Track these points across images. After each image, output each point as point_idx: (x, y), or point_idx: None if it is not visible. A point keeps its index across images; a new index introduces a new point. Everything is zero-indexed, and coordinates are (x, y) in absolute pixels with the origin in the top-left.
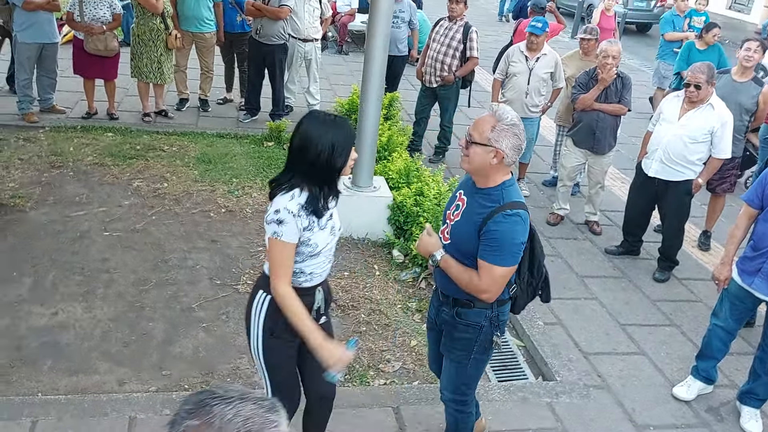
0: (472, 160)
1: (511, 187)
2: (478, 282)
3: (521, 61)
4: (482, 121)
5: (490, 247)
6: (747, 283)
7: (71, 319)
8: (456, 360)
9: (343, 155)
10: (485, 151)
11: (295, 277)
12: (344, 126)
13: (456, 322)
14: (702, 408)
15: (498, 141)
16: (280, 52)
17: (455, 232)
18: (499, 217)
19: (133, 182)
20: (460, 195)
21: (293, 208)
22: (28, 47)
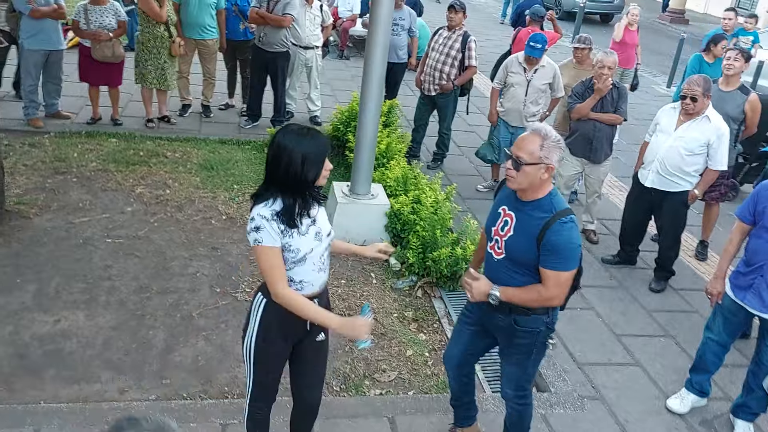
0: (523, 181)
1: (557, 196)
2: (546, 293)
3: (519, 72)
4: (528, 141)
5: (554, 256)
6: (739, 298)
7: (74, 326)
8: (517, 363)
9: (314, 167)
10: (536, 169)
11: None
12: (317, 138)
13: (515, 330)
14: (696, 421)
15: (548, 157)
16: (282, 60)
17: (511, 247)
18: (557, 226)
19: (136, 188)
20: (505, 210)
21: (266, 213)
22: (34, 54)
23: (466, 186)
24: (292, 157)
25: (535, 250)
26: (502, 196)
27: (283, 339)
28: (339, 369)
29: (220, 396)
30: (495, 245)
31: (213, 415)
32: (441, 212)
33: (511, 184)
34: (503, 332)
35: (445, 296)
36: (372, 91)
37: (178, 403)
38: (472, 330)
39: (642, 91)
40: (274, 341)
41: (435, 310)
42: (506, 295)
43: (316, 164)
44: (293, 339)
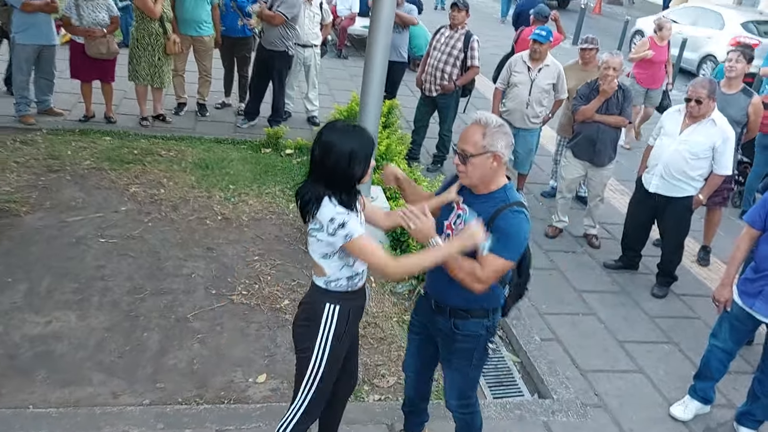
0: (473, 174)
1: (512, 189)
2: (480, 272)
3: (523, 71)
4: (470, 133)
5: (498, 241)
6: (748, 305)
7: (65, 328)
8: (457, 369)
9: (361, 163)
10: (484, 159)
11: (352, 280)
12: (362, 134)
13: (455, 334)
14: (699, 429)
15: (493, 145)
16: (280, 60)
17: None
18: (507, 213)
19: (130, 187)
20: (458, 204)
21: (341, 209)
22: (25, 49)
23: None
24: (339, 154)
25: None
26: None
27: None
28: None
29: (216, 401)
30: (445, 240)
31: (208, 421)
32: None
33: (463, 180)
34: (444, 337)
35: None
36: (372, 91)
37: (172, 408)
38: (419, 338)
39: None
40: (345, 340)
41: None
42: (445, 250)
43: (363, 161)
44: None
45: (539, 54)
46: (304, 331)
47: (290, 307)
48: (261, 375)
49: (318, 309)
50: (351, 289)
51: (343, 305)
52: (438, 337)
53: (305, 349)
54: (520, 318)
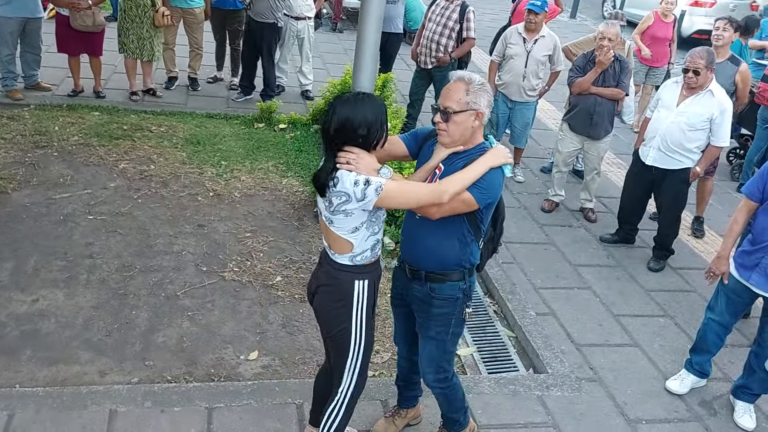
0: (454, 131)
1: (488, 148)
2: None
3: (519, 43)
4: (453, 90)
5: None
6: (744, 277)
7: (52, 306)
8: (435, 337)
9: (379, 129)
10: (467, 116)
11: (375, 249)
12: (374, 101)
13: (431, 298)
14: (695, 402)
15: (476, 102)
16: (269, 31)
17: None
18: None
19: (120, 164)
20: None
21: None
22: (10, 22)
23: None
24: (358, 125)
25: None
26: (428, 151)
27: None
28: None
29: (205, 378)
30: None
31: (198, 399)
32: None
33: (443, 139)
34: (420, 303)
35: None
36: (365, 64)
37: (161, 386)
38: (400, 311)
39: None
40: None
41: None
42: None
43: (380, 127)
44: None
45: (535, 25)
46: (338, 313)
47: (282, 283)
48: (252, 352)
49: (348, 288)
50: (374, 258)
51: (371, 277)
52: (414, 304)
53: (343, 329)
54: (515, 293)
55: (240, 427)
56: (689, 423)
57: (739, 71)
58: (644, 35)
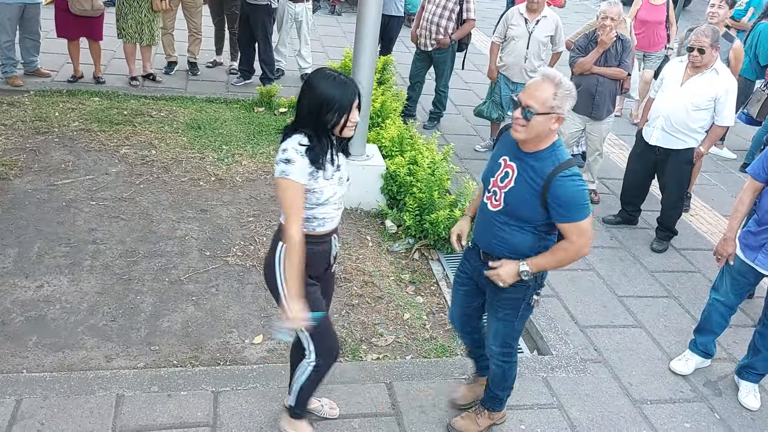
0: (532, 130)
1: (560, 147)
2: (573, 246)
3: (520, 24)
4: (540, 89)
5: (566, 209)
6: (750, 258)
7: (57, 292)
8: (504, 318)
9: (333, 113)
10: (547, 119)
11: (309, 223)
12: (345, 86)
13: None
14: (700, 382)
15: (560, 107)
16: (262, 13)
17: (510, 199)
18: (560, 180)
19: (121, 149)
20: (506, 161)
21: (300, 148)
22: (9, 8)
23: (464, 146)
24: (314, 97)
25: (536, 206)
26: (502, 145)
27: (311, 276)
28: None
29: (211, 363)
30: (492, 196)
31: (204, 383)
32: (438, 173)
33: (517, 134)
34: (492, 286)
35: (443, 258)
36: (365, 46)
37: (167, 371)
38: (465, 290)
39: None
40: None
41: (432, 272)
42: (536, 264)
43: (337, 111)
44: (316, 276)
45: (536, 5)
46: (267, 272)
47: None
48: (257, 336)
49: (272, 249)
50: (305, 230)
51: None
52: (484, 285)
53: (276, 294)
54: None
55: (246, 410)
56: (694, 403)
57: (733, 48)
58: (635, 20)
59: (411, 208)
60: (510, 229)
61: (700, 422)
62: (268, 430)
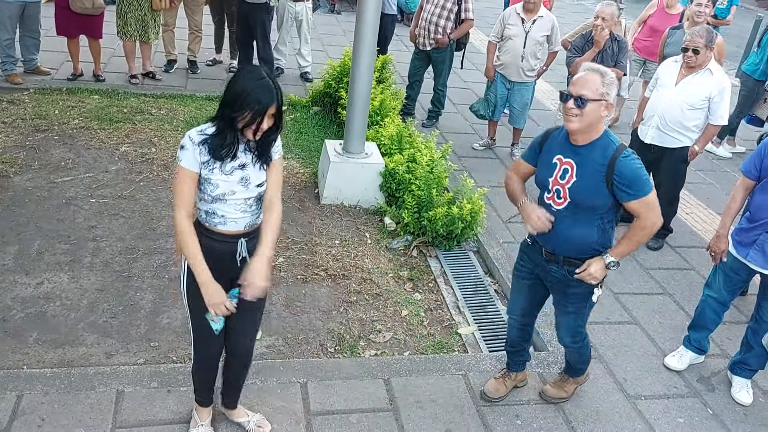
0: (585, 119)
1: (611, 134)
2: (645, 222)
3: (517, 23)
4: (589, 79)
5: (632, 186)
6: (742, 254)
7: (57, 289)
8: (573, 312)
9: (245, 111)
10: (598, 106)
11: (210, 217)
12: (264, 88)
13: (569, 280)
14: (693, 378)
15: (609, 94)
16: (261, 12)
17: (576, 192)
18: (622, 161)
19: (121, 147)
20: (561, 159)
21: (194, 136)
22: (9, 6)
23: (462, 144)
24: (230, 89)
25: (604, 191)
26: (551, 146)
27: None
28: (333, 330)
29: None
30: (555, 195)
31: None
32: (436, 171)
33: (572, 125)
34: (557, 283)
35: (441, 256)
36: (365, 45)
37: (167, 367)
38: (529, 283)
39: None
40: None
41: (431, 269)
42: (619, 253)
43: (249, 111)
44: (225, 279)
45: (533, 5)
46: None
47: (285, 264)
48: (256, 332)
49: None
50: (208, 225)
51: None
52: (551, 283)
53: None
54: None
55: (245, 405)
56: (687, 398)
57: (717, 43)
58: (645, 25)
59: (409, 205)
60: (575, 225)
61: (693, 417)
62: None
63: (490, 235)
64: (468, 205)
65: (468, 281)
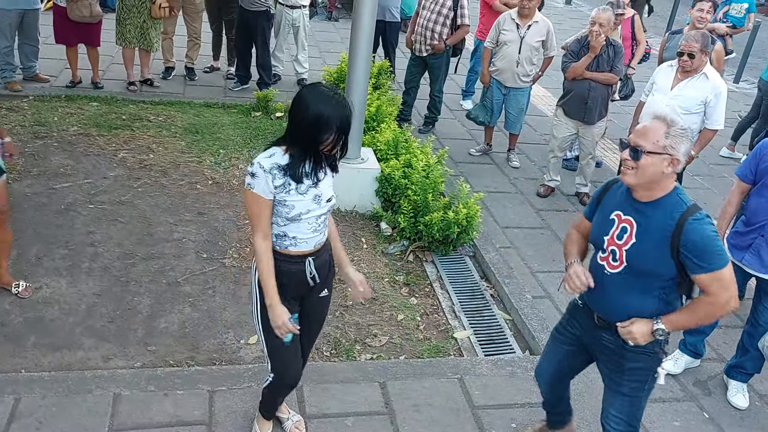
0: (643, 173)
1: (683, 193)
2: (717, 299)
3: (512, 29)
4: (652, 130)
5: (702, 257)
6: (737, 258)
7: (56, 293)
8: (629, 394)
9: (324, 130)
10: (659, 160)
11: (281, 240)
12: (339, 105)
13: (625, 351)
14: (689, 382)
15: (674, 148)
16: (263, 20)
17: (634, 255)
18: (692, 224)
19: (119, 153)
20: (620, 216)
21: (266, 163)
22: (8, 14)
23: (459, 150)
24: (304, 113)
25: (666, 258)
26: (610, 201)
27: (285, 300)
28: (330, 334)
29: (207, 363)
30: (610, 257)
31: (201, 382)
32: (433, 176)
33: (627, 179)
34: (610, 355)
35: (437, 260)
36: (360, 51)
37: (164, 371)
38: (568, 350)
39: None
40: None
41: (427, 274)
42: (672, 322)
43: (326, 129)
44: (297, 298)
45: (528, 10)
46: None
47: None
48: (252, 336)
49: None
50: (279, 248)
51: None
52: (601, 353)
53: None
54: (512, 277)
55: (241, 409)
56: (683, 402)
57: (715, 50)
58: None
59: (406, 210)
60: (633, 291)
61: (689, 421)
62: None
63: (486, 240)
64: (464, 210)
65: (464, 286)
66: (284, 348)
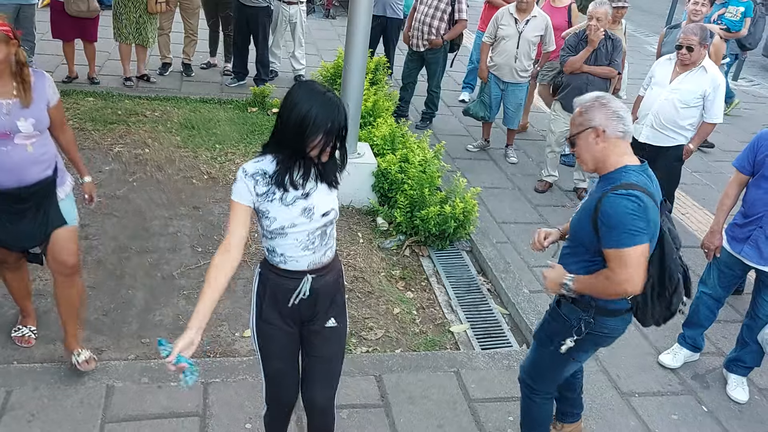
0: (583, 156)
1: (633, 171)
2: (613, 276)
3: (510, 23)
4: (573, 117)
5: (610, 231)
6: (736, 250)
7: (49, 285)
8: (536, 346)
9: (312, 131)
10: (584, 137)
11: (271, 256)
12: (330, 105)
13: (552, 309)
14: (688, 375)
15: (590, 120)
16: (263, 16)
17: (572, 225)
18: (611, 197)
19: (114, 148)
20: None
21: (249, 168)
22: (4, 8)
23: (456, 145)
24: (291, 110)
25: (588, 228)
26: None
27: (280, 317)
28: None
29: (201, 355)
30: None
31: None
32: (429, 171)
33: (583, 167)
34: (546, 313)
35: (434, 255)
36: (357, 46)
37: (158, 362)
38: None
39: (634, 50)
40: (271, 320)
41: (423, 268)
42: (578, 284)
43: (313, 129)
44: (295, 320)
45: (526, 5)
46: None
47: None
48: (247, 329)
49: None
50: (272, 262)
51: (266, 274)
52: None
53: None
54: (509, 271)
55: (236, 401)
56: (682, 396)
57: (713, 44)
58: None
59: (402, 205)
60: (570, 259)
61: (687, 414)
62: (257, 420)
63: (483, 235)
64: (461, 205)
65: (460, 280)
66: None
